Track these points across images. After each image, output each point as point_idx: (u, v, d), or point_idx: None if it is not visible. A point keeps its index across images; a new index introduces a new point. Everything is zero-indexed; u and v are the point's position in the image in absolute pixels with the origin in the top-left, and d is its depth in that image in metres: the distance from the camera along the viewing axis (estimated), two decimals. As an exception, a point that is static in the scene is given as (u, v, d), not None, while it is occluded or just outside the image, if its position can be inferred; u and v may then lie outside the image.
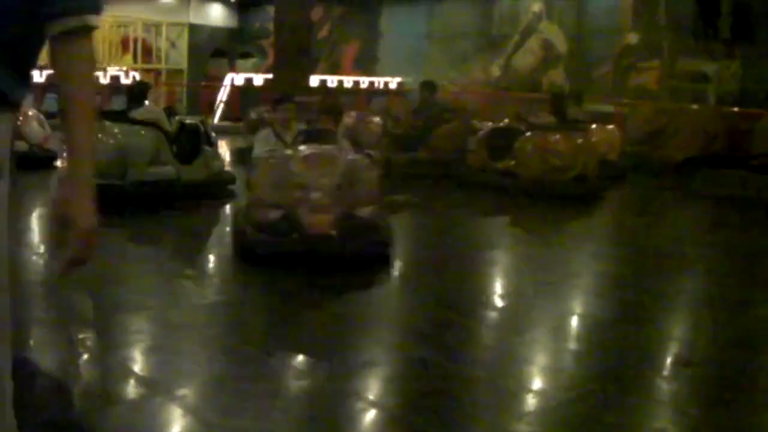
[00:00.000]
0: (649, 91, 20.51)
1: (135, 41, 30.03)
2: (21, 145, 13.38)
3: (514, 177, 12.73)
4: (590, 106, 16.84)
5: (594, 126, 14.27)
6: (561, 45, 23.39)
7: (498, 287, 8.01)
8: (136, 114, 11.33)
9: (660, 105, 18.86)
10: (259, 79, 24.65)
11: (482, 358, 5.77)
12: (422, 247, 9.69)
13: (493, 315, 6.80)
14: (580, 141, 12.87)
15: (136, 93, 12.27)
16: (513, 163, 12.86)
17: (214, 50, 31.54)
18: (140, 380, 4.89)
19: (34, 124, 14.57)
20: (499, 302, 7.23)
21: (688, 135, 16.34)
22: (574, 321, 6.64)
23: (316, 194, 7.64)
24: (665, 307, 7.13)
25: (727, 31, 18.27)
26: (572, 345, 6.12)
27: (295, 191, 7.69)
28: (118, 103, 17.23)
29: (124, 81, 24.52)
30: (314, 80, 23.97)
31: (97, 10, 2.30)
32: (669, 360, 5.85)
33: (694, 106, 17.94)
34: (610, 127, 14.81)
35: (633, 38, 21.17)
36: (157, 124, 11.19)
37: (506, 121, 14.35)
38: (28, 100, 16.40)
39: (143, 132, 10.97)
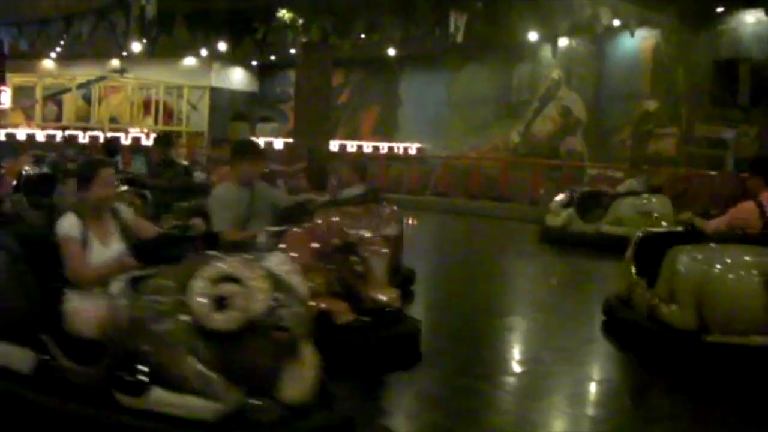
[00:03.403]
0: (668, 158, 20.52)
1: (157, 103, 30.31)
2: None
3: None
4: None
5: None
6: (579, 111, 23.49)
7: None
8: None
9: (678, 171, 18.87)
10: (279, 143, 24.81)
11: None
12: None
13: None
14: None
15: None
16: None
17: (234, 114, 31.70)
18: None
19: None
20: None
21: (705, 201, 16.24)
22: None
23: None
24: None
25: (745, 98, 18.30)
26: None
27: None
28: (137, 165, 17.37)
29: (145, 142, 24.83)
30: (333, 145, 24.13)
31: None
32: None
33: (713, 173, 17.91)
34: None
35: (651, 105, 21.22)
36: None
37: None
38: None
39: None
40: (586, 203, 15.37)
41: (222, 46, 23.51)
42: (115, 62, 30.06)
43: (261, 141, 24.88)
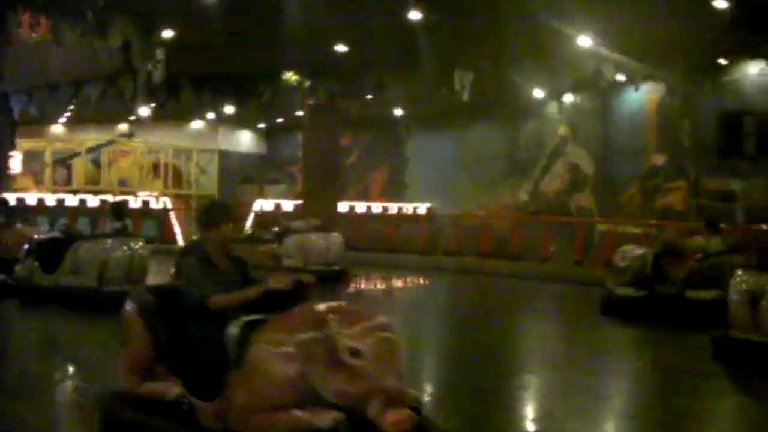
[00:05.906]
0: (676, 211, 20.48)
1: (166, 167, 30.43)
2: None
3: None
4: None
5: None
6: (587, 167, 23.52)
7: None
8: None
9: (687, 225, 18.80)
10: (288, 205, 24.83)
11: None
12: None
13: None
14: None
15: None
16: None
17: (243, 176, 31.84)
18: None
19: None
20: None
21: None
22: None
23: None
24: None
25: (751, 149, 18.24)
26: None
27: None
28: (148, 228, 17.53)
29: (154, 206, 24.89)
30: (343, 206, 24.11)
31: None
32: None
33: (722, 225, 17.78)
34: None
35: (658, 159, 21.25)
36: None
37: None
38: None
39: None
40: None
41: (229, 109, 23.62)
42: (123, 126, 30.23)
43: (270, 202, 25.03)
